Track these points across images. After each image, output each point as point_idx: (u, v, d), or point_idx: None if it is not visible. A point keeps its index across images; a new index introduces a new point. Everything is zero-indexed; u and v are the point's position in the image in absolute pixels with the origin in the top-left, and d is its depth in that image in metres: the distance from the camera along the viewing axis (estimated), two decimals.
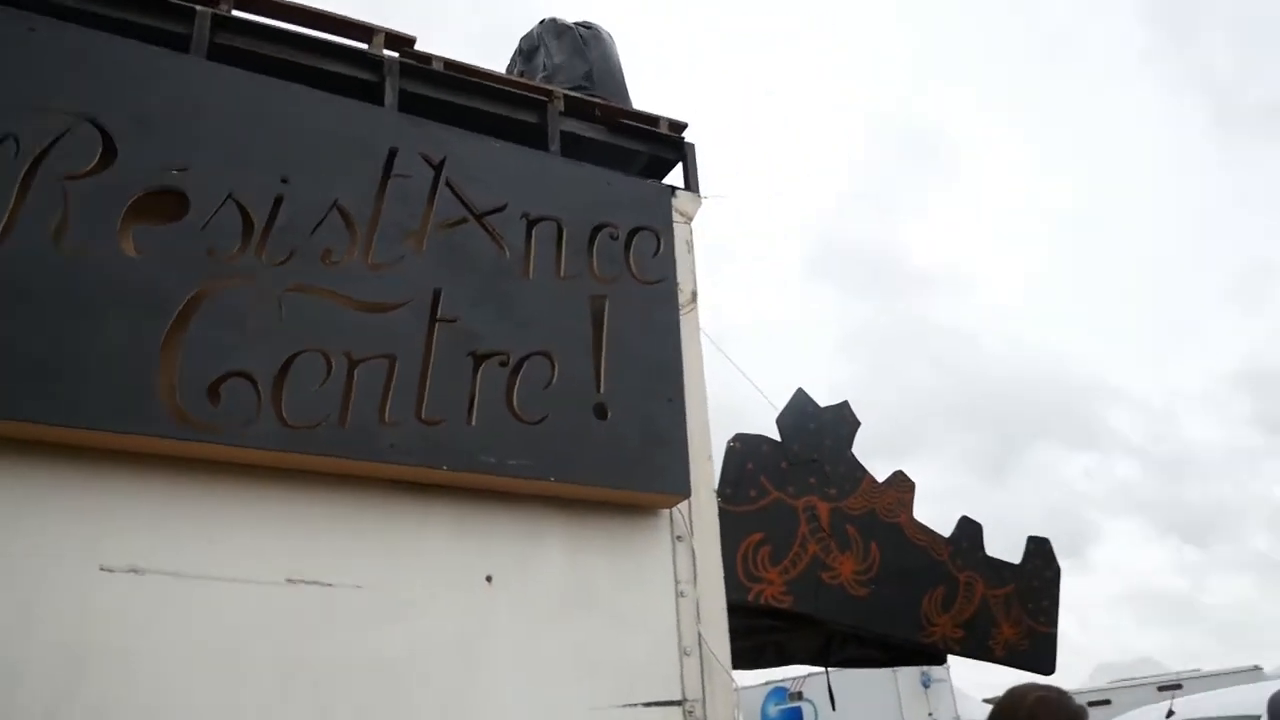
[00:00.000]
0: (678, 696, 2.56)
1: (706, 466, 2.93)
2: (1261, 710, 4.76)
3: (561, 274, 2.71)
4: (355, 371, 2.26)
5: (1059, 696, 2.46)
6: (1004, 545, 3.85)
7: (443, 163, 2.63)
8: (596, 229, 2.83)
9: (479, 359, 2.46)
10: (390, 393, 2.29)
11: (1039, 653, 3.74)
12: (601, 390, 2.61)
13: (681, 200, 3.20)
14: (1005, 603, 3.63)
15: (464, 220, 2.62)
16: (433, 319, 2.43)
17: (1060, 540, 4.06)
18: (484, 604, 2.36)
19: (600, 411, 2.59)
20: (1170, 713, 8.01)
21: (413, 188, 2.57)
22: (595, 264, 2.78)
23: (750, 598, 2.97)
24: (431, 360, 2.38)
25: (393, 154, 2.56)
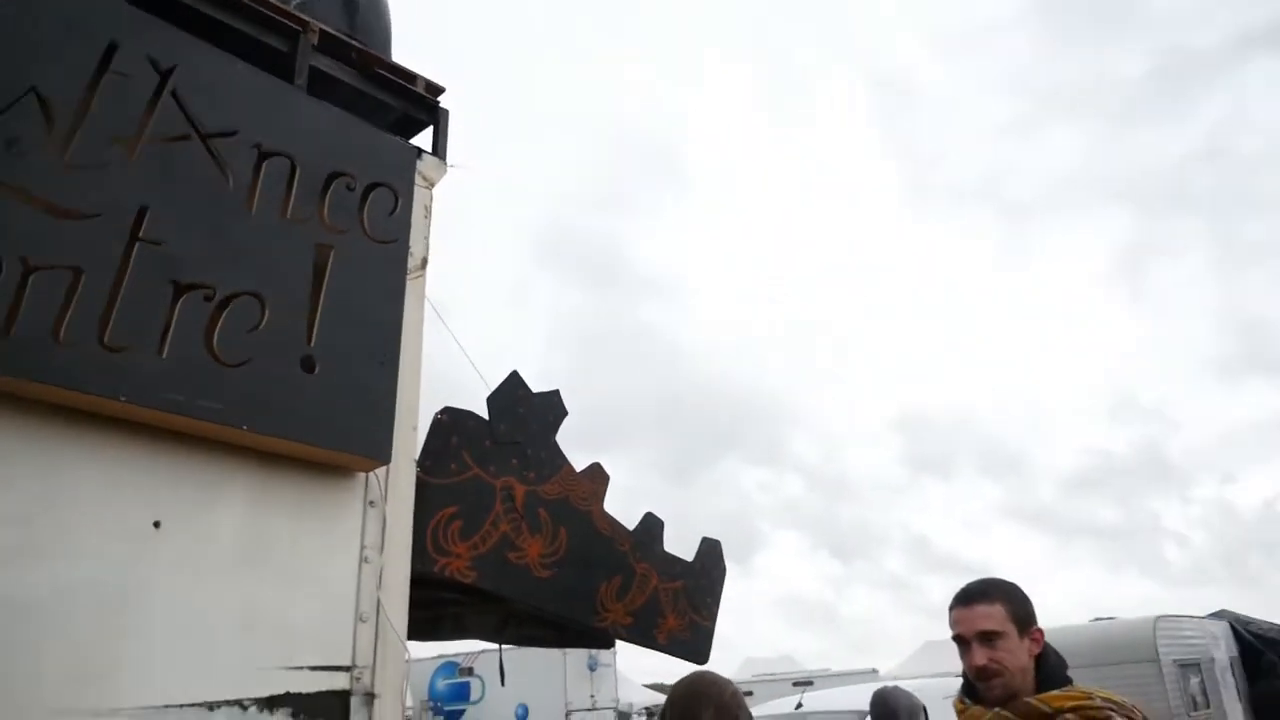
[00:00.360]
0: (347, 662, 2.52)
1: (411, 435, 2.90)
2: (866, 705, 5.48)
3: (288, 215, 2.57)
4: (30, 280, 2.01)
5: (743, 694, 2.78)
6: (682, 543, 4.14)
7: (171, 70, 2.41)
8: (333, 176, 2.71)
9: (181, 289, 2.27)
10: (70, 310, 2.06)
11: (697, 643, 4.03)
12: (312, 343, 2.50)
13: (427, 164, 3.14)
14: (674, 596, 3.90)
15: (186, 137, 2.41)
16: (133, 237, 2.22)
17: (732, 544, 4.41)
18: (148, 551, 2.19)
19: (308, 364, 2.48)
20: (799, 705, 9.01)
21: (131, 90, 2.33)
22: (326, 212, 2.66)
23: (436, 569, 2.97)
24: (125, 282, 2.17)
25: (113, 47, 2.30)
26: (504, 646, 4.52)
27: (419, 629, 3.72)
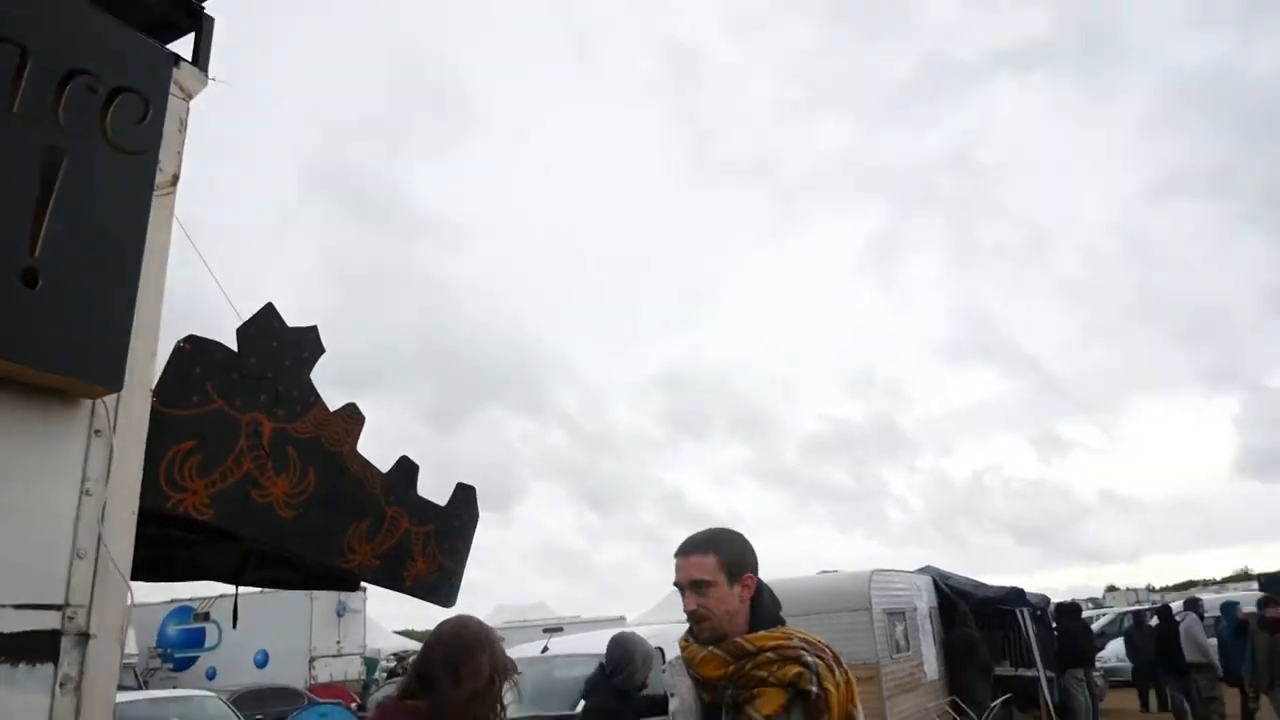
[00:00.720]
0: (60, 600, 2.35)
1: (148, 363, 2.72)
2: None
3: (14, 109, 2.32)
4: None
5: None
6: (443, 491, 4.13)
7: None
8: (73, 73, 2.46)
9: None
10: None
11: (444, 588, 4.06)
12: (37, 254, 2.28)
13: (185, 74, 2.92)
14: (424, 540, 3.90)
15: None
16: None
17: (493, 493, 4.47)
18: None
19: (29, 278, 2.26)
20: (545, 648, 9.30)
21: None
22: (62, 111, 2.42)
23: (169, 506, 2.81)
24: None
25: None
26: (243, 589, 4.35)
27: (149, 568, 3.51)
